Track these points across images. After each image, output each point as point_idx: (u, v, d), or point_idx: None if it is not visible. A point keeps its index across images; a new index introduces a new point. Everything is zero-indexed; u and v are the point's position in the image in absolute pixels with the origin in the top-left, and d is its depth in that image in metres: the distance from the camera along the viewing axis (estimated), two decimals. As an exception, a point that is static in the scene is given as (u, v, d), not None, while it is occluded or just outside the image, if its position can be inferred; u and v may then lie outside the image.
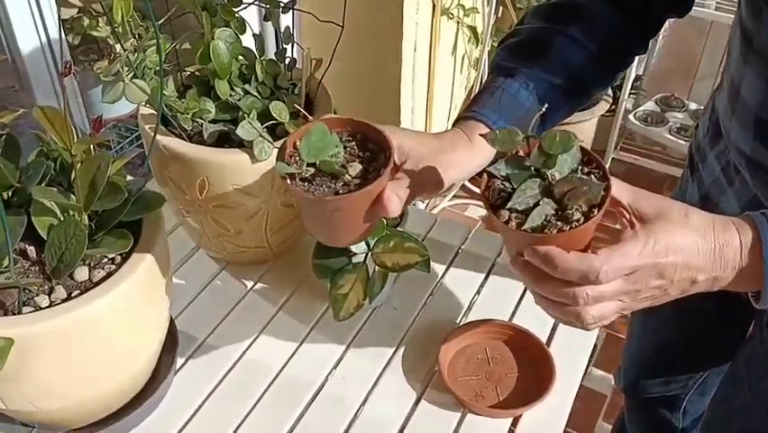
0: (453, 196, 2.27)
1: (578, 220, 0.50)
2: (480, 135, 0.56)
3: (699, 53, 2.28)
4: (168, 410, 0.71)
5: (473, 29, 1.95)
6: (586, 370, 0.77)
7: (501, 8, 2.01)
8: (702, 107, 2.27)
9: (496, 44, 1.99)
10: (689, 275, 0.54)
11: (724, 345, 0.92)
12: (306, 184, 0.54)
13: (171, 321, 0.73)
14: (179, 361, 0.75)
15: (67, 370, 0.59)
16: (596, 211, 0.50)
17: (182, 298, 0.82)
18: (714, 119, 0.78)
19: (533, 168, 0.52)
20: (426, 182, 0.59)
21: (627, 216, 0.54)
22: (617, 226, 0.55)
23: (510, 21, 2.00)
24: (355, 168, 0.55)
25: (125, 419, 0.68)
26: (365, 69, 1.62)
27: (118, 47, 1.53)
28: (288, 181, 0.54)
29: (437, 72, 1.86)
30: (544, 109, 0.56)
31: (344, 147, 0.56)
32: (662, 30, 2.21)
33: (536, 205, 0.50)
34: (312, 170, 0.55)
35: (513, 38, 0.72)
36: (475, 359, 0.75)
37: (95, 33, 1.48)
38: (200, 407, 0.72)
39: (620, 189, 0.54)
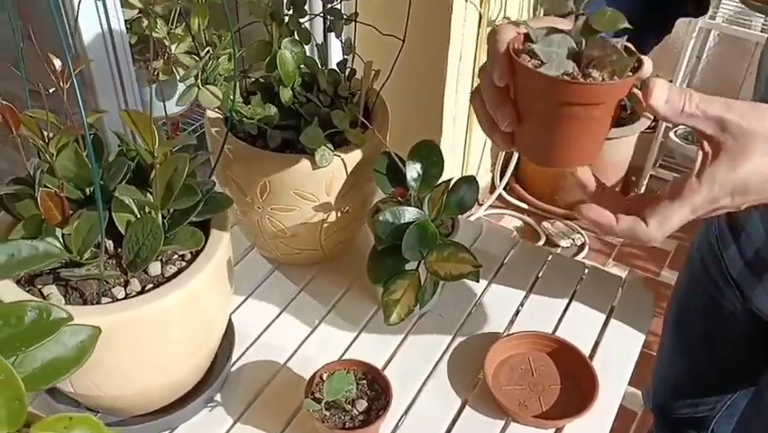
0: (489, 205, 2.29)
1: (594, 79, 0.48)
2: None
3: (743, 74, 2.26)
4: (223, 403, 0.74)
5: (517, 41, 1.97)
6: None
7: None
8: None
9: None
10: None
11: (752, 369, 0.93)
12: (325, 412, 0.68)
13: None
14: (234, 355, 0.78)
15: (135, 359, 0.63)
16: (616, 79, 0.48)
17: (236, 295, 0.85)
18: None
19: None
20: None
21: (706, 149, 0.51)
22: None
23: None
24: (362, 404, 0.69)
25: (183, 410, 0.72)
26: (412, 75, 1.65)
27: (173, 47, 1.57)
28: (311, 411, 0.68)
29: (480, 83, 1.88)
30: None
31: (357, 384, 0.70)
32: (706, 49, 2.21)
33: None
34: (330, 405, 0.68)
35: None
36: (519, 369, 0.77)
37: (153, 34, 1.53)
38: (253, 401, 0.75)
39: (712, 99, 0.50)
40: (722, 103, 0.50)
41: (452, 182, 0.77)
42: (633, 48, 0.52)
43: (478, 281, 0.74)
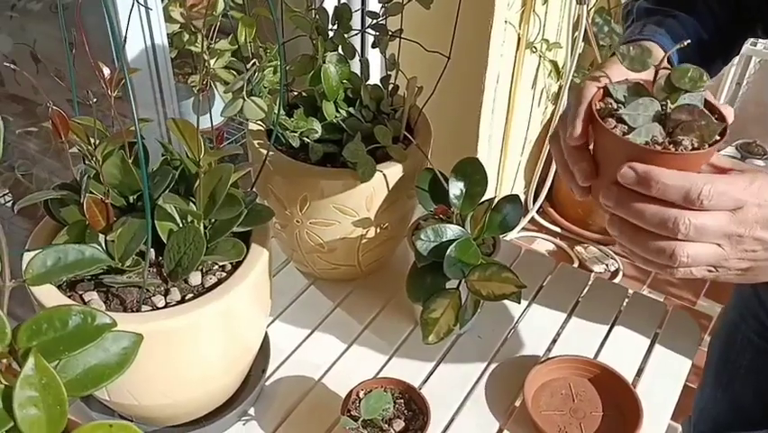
0: (522, 228, 2.26)
1: (686, 147, 0.48)
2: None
3: (784, 101, 2.23)
4: (257, 417, 0.73)
5: (555, 63, 1.96)
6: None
7: (584, 44, 2.01)
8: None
9: (577, 80, 1.99)
10: None
11: None
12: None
13: (264, 331, 0.76)
14: (269, 370, 0.77)
15: (173, 369, 0.62)
16: (706, 146, 0.48)
17: (273, 309, 0.85)
18: None
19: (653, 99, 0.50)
20: None
21: None
22: None
23: (592, 57, 2.00)
24: (399, 424, 0.67)
25: (217, 423, 0.71)
26: (448, 94, 1.64)
27: (212, 61, 1.58)
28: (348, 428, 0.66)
29: (516, 104, 1.87)
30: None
31: (394, 403, 0.69)
32: (747, 75, 2.18)
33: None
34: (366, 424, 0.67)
35: None
36: (560, 394, 0.75)
37: (192, 48, 1.55)
38: (287, 416, 0.73)
39: (725, 158, 0.52)
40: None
41: (496, 201, 0.76)
42: (714, 101, 0.51)
43: (519, 302, 0.73)
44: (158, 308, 0.59)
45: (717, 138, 0.49)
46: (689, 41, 0.56)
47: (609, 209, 0.53)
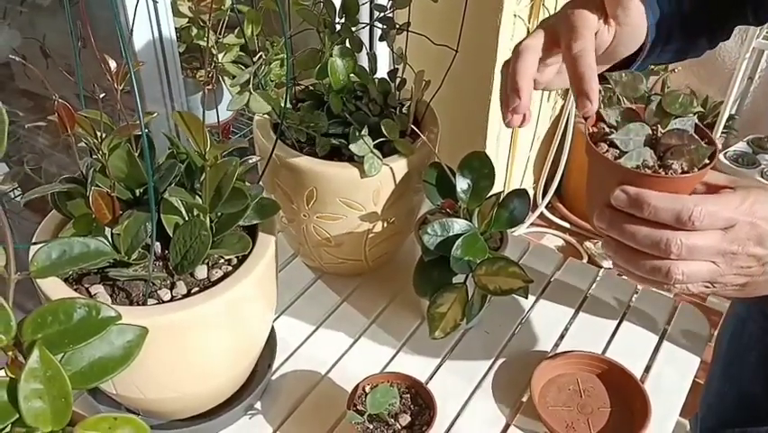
0: (531, 223, 2.25)
1: (675, 171, 0.50)
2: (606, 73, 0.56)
3: (797, 96, 2.21)
4: (263, 411, 0.73)
5: (564, 58, 1.95)
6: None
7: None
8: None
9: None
10: None
11: None
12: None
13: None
14: (275, 364, 0.77)
15: (179, 362, 0.62)
16: (695, 170, 0.50)
17: (279, 303, 0.85)
18: None
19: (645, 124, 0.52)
20: None
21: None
22: None
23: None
24: (405, 419, 0.67)
25: (223, 417, 0.71)
26: (457, 89, 1.63)
27: (221, 56, 1.58)
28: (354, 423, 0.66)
29: (525, 99, 1.86)
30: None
31: (401, 398, 0.69)
32: (758, 70, 2.16)
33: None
34: (372, 418, 0.67)
35: None
36: (567, 390, 0.75)
37: (201, 43, 1.55)
38: (293, 410, 0.73)
39: (719, 175, 0.53)
40: None
41: (503, 195, 0.75)
42: (706, 130, 0.54)
43: (527, 297, 0.72)
44: (164, 302, 0.59)
45: (707, 162, 0.51)
46: None
47: (603, 231, 0.55)
